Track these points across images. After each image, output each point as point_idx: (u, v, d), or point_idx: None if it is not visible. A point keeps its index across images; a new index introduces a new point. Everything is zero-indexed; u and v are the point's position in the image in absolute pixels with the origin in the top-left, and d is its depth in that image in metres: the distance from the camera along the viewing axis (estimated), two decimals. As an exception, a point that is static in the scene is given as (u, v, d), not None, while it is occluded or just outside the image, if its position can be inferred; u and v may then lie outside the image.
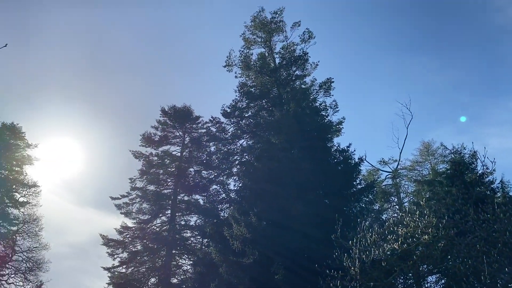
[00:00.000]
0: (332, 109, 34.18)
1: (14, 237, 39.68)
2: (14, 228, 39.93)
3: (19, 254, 40.03)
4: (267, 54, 37.62)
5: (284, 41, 37.53)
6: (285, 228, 22.20)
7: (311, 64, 36.34)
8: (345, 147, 27.30)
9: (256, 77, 37.00)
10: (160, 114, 45.91)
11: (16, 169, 42.33)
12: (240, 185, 33.39)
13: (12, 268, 39.42)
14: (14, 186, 41.23)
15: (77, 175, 77.68)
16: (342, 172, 25.83)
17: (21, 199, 41.07)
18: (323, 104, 32.94)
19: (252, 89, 37.58)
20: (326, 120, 29.70)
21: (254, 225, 23.02)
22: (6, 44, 4.44)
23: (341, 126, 33.29)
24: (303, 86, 34.96)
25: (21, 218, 40.45)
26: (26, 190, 41.61)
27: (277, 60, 37.33)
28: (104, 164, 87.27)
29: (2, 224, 39.14)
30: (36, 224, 40.89)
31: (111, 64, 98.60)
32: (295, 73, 36.12)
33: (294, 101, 28.92)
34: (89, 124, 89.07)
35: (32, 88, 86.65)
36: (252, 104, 37.93)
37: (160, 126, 45.70)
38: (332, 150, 27.47)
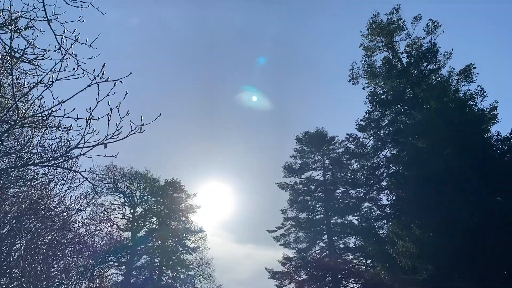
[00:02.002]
0: (479, 96, 30.21)
1: (192, 281, 43.62)
2: (191, 273, 44.06)
3: (199, 296, 43.84)
4: (391, 57, 35.65)
5: (407, 38, 35.18)
6: (454, 237, 20.05)
7: (443, 55, 33.13)
8: (508, 134, 23.97)
9: (385, 83, 35.22)
10: (296, 142, 46.84)
11: (183, 218, 47.13)
12: (394, 198, 31.59)
13: (197, 310, 43.27)
14: (184, 235, 45.76)
15: (232, 215, 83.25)
16: (511, 163, 22.59)
17: (191, 245, 45.31)
18: (468, 94, 29.39)
19: (384, 96, 35.81)
20: (476, 110, 26.46)
21: (420, 238, 21.33)
22: (160, 114, 4.96)
23: (495, 112, 28.95)
24: (439, 80, 31.93)
25: (195, 263, 44.53)
26: (194, 236, 45.85)
27: (404, 60, 35.06)
28: (253, 200, 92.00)
29: (181, 270, 43.53)
30: (208, 266, 44.69)
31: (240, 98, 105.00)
32: (427, 68, 33.34)
33: (434, 98, 26.59)
34: (231, 166, 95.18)
35: (175, 143, 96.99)
36: (387, 112, 36.05)
37: (298, 154, 46.47)
38: (492, 140, 24.34)
